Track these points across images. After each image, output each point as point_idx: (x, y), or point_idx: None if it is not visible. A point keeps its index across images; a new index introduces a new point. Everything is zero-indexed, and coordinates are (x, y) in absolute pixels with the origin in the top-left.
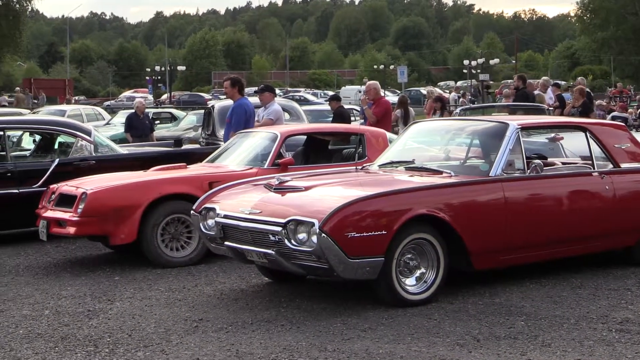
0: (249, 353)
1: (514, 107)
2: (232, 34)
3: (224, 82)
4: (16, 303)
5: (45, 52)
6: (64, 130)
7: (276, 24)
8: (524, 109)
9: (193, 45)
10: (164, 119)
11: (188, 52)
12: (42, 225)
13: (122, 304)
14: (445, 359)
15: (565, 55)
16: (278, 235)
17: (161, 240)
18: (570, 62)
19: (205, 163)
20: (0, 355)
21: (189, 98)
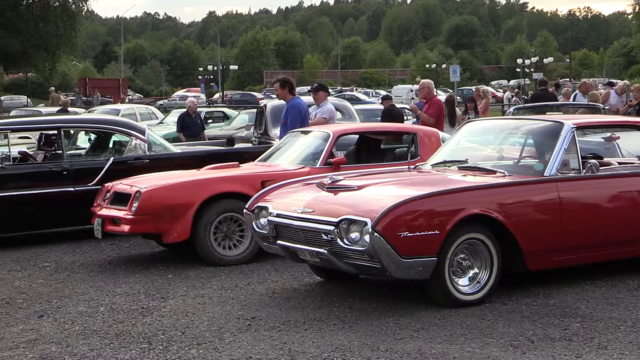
0: (301, 352)
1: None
2: (283, 33)
3: (274, 84)
4: (72, 300)
5: (99, 52)
6: (119, 129)
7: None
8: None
9: (245, 44)
10: (217, 118)
11: (240, 51)
12: (97, 223)
13: (175, 302)
14: None
15: (621, 54)
16: (330, 235)
17: (214, 238)
18: (626, 60)
19: (258, 162)
20: (57, 351)
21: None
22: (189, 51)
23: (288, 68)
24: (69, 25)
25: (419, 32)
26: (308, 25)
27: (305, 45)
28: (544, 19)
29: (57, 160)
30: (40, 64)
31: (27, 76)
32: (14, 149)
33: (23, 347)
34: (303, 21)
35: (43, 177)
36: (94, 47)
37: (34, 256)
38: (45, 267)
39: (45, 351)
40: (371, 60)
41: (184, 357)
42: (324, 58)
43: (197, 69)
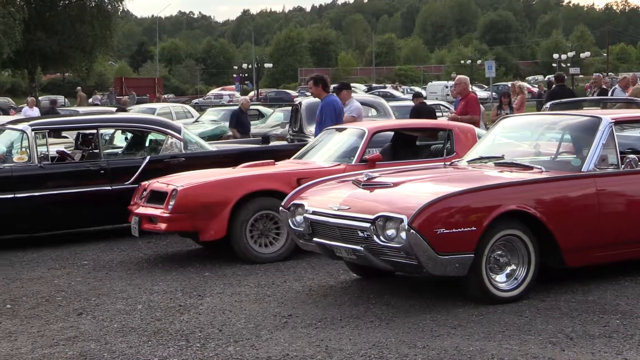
0: (338, 349)
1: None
2: (317, 30)
3: (308, 81)
4: (110, 297)
5: (135, 52)
6: (155, 128)
7: (362, 20)
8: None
9: (279, 42)
10: (252, 116)
11: (274, 49)
12: (134, 222)
13: (212, 300)
14: (538, 357)
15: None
16: (367, 232)
17: (250, 236)
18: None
19: (294, 159)
20: (96, 348)
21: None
22: (224, 50)
23: (322, 66)
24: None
25: (454, 28)
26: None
27: (339, 43)
28: (580, 13)
29: (94, 160)
30: (77, 64)
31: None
32: (52, 148)
33: (63, 344)
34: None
35: (80, 176)
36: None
37: (72, 254)
38: (84, 265)
39: (85, 348)
40: (405, 57)
41: (222, 355)
42: (358, 55)
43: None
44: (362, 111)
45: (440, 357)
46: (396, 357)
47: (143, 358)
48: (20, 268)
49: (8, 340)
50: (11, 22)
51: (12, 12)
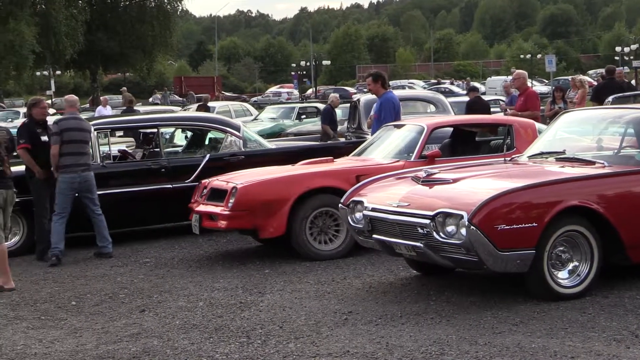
0: (398, 346)
1: None
2: (375, 27)
3: (366, 78)
4: (172, 294)
5: (194, 51)
6: (214, 126)
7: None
8: None
9: (337, 39)
10: (310, 114)
11: (332, 46)
12: (195, 219)
13: (272, 297)
14: (602, 354)
15: None
16: (426, 228)
17: (309, 233)
18: None
19: (352, 156)
20: (159, 345)
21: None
22: (282, 47)
23: (380, 62)
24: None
25: (513, 22)
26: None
27: (397, 39)
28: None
29: (155, 158)
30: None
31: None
32: (114, 147)
33: (126, 340)
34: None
35: (142, 174)
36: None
37: (134, 252)
38: (146, 263)
39: (148, 345)
40: (464, 52)
41: (282, 351)
42: (417, 51)
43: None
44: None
45: (502, 354)
46: (457, 354)
47: (205, 354)
48: (84, 266)
49: (73, 337)
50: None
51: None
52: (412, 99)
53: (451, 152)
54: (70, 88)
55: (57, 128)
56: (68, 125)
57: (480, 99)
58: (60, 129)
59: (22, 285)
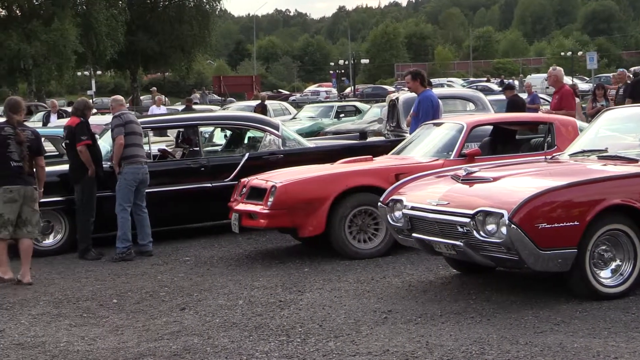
0: (439, 345)
1: None
2: (414, 25)
3: (405, 76)
4: (212, 293)
5: (233, 50)
6: (254, 125)
7: (459, 13)
8: None
9: (375, 38)
10: (349, 112)
11: (371, 45)
12: (234, 218)
13: (312, 295)
14: None
15: None
16: (466, 227)
17: (349, 232)
18: None
19: (391, 155)
20: (199, 343)
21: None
22: (320, 46)
23: (419, 60)
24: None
25: (553, 19)
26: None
27: (436, 37)
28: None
29: (194, 157)
30: (177, 64)
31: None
32: (154, 146)
33: (167, 338)
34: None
35: (181, 173)
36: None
37: (174, 251)
38: (186, 261)
39: (188, 343)
40: (504, 50)
41: (322, 350)
42: (456, 49)
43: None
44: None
45: (544, 353)
46: (498, 354)
47: (245, 353)
48: (125, 264)
49: (115, 334)
50: (114, 24)
51: (115, 15)
52: (451, 97)
53: (491, 151)
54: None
55: (121, 120)
56: (129, 118)
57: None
58: (125, 121)
59: (64, 283)
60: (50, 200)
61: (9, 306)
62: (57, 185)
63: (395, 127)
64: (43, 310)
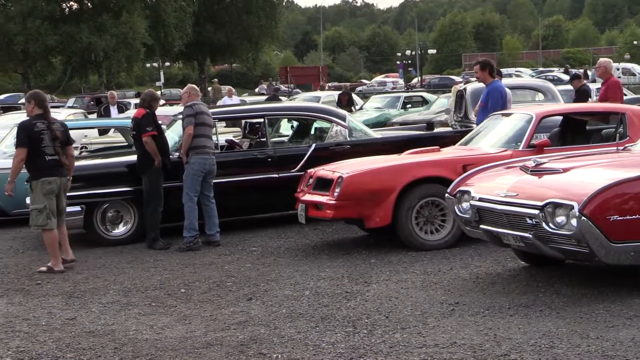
0: (507, 338)
1: None
2: (481, 15)
3: (474, 66)
4: (278, 283)
5: (300, 41)
6: (320, 116)
7: (528, 3)
8: None
9: (443, 28)
10: (415, 103)
11: (438, 35)
12: (301, 209)
13: (378, 286)
14: None
15: None
16: (535, 219)
17: (415, 223)
18: None
19: (459, 146)
20: (266, 333)
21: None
22: (387, 37)
23: (487, 50)
24: (270, 16)
25: (626, 7)
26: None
27: (504, 27)
28: None
29: (261, 148)
30: (244, 55)
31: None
32: (221, 137)
33: (234, 328)
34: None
35: (248, 164)
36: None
37: (241, 241)
38: (252, 251)
39: (255, 333)
40: (574, 39)
41: (389, 342)
42: (524, 39)
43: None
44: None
45: (615, 348)
46: (568, 347)
47: (311, 343)
48: (193, 254)
49: (183, 324)
50: (182, 16)
51: (183, 7)
52: (520, 87)
53: (561, 141)
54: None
55: (192, 111)
56: (201, 109)
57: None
58: (196, 111)
59: (133, 272)
60: (119, 190)
61: (80, 294)
62: (125, 175)
63: (462, 118)
64: (113, 299)
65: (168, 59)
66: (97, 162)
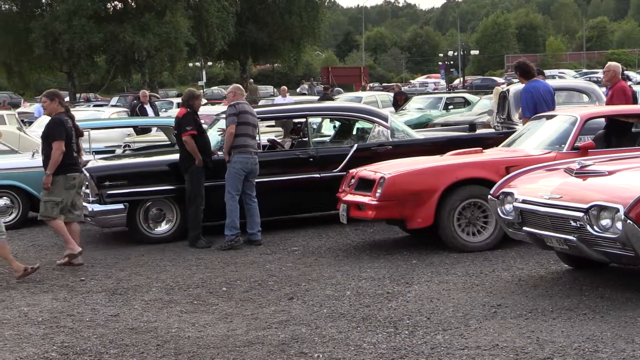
0: (550, 341)
1: None
2: (524, 16)
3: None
4: (319, 283)
5: (341, 41)
6: (362, 116)
7: (572, 3)
8: None
9: (485, 28)
10: (457, 104)
11: (480, 35)
12: (343, 209)
13: (420, 287)
14: None
15: None
16: (580, 221)
17: (457, 224)
18: None
19: (502, 147)
20: (307, 332)
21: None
22: (429, 37)
23: (529, 51)
24: (312, 16)
25: None
26: (551, 7)
27: (547, 28)
28: None
29: (303, 148)
30: (286, 55)
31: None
32: (263, 137)
33: (275, 327)
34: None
35: (290, 164)
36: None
37: (282, 240)
38: (294, 251)
39: (296, 332)
40: (619, 40)
41: (430, 343)
42: (568, 40)
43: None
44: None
45: None
46: (612, 352)
47: (352, 343)
48: (234, 253)
49: (224, 322)
50: (225, 16)
51: (225, 6)
52: (564, 88)
53: (605, 144)
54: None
55: (235, 110)
56: (244, 108)
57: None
58: (239, 111)
59: (175, 270)
60: (162, 188)
61: (123, 291)
62: (168, 174)
63: (505, 119)
64: (155, 296)
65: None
66: (140, 160)
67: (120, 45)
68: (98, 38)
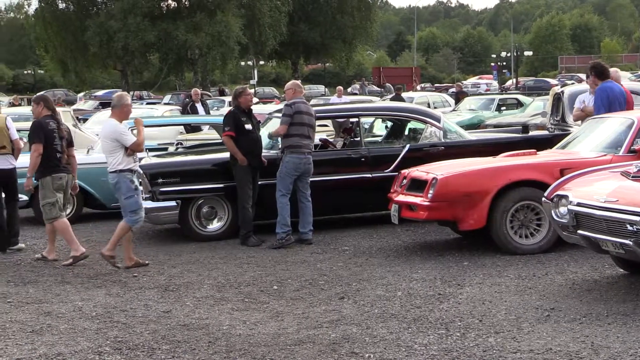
0: (605, 347)
1: None
2: (579, 17)
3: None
4: (370, 283)
5: (393, 41)
6: (415, 116)
7: (628, 4)
8: None
9: (539, 29)
10: (510, 105)
11: (534, 36)
12: (394, 209)
13: (471, 289)
14: None
15: None
16: (636, 225)
17: (510, 226)
18: None
19: (556, 149)
20: (358, 332)
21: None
22: (482, 38)
23: (584, 53)
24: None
25: None
26: (606, 7)
27: (602, 29)
28: None
29: (355, 147)
30: (337, 55)
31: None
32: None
33: (326, 326)
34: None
35: (342, 163)
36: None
37: (333, 240)
38: (345, 250)
39: (347, 332)
40: None
41: (482, 345)
42: (624, 41)
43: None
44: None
45: None
46: None
47: (403, 344)
48: (285, 251)
49: (275, 320)
50: (277, 15)
51: (278, 6)
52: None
53: None
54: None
55: (291, 110)
56: (300, 108)
57: None
58: (294, 111)
59: (227, 268)
60: (213, 186)
61: (175, 288)
62: (219, 172)
63: (559, 121)
64: (207, 294)
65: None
66: (192, 158)
67: (173, 44)
68: (152, 36)
